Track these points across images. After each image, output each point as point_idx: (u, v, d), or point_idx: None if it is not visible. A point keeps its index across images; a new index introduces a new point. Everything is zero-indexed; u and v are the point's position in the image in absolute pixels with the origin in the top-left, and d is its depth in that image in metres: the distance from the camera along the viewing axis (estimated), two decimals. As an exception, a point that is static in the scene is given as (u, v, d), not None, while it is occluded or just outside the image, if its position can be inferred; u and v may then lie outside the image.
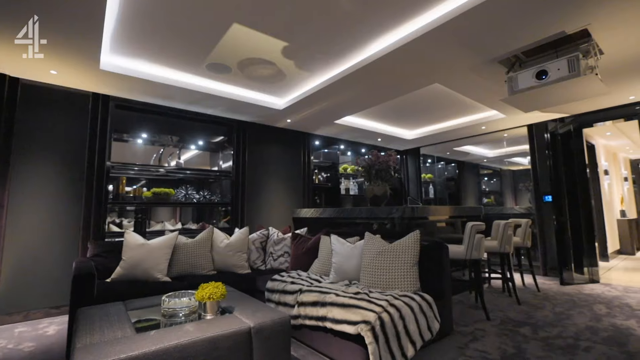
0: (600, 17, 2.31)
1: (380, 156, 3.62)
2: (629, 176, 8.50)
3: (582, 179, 4.69)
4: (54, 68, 2.95)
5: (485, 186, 9.04)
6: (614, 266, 5.50)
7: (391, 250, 2.33)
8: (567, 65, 2.61)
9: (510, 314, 3.00)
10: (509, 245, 3.39)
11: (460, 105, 4.43)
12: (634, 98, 4.04)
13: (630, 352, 2.17)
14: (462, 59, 2.91)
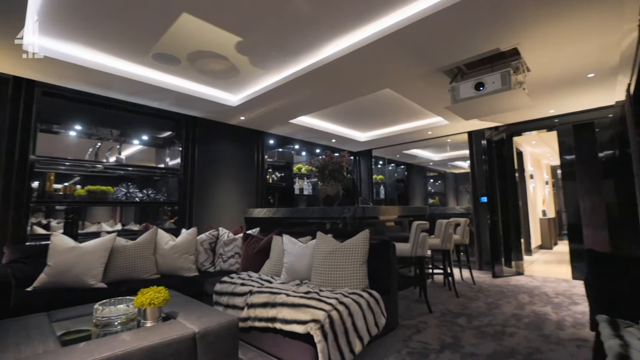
0: (527, 38, 2.59)
1: (334, 157, 3.69)
2: (549, 180, 9.66)
3: (512, 182, 5.23)
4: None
5: (431, 187, 9.65)
6: (536, 259, 6.21)
7: (342, 249, 2.39)
8: (500, 79, 2.89)
9: (449, 306, 3.24)
10: (450, 243, 3.66)
11: (409, 110, 4.67)
12: (554, 112, 4.60)
13: (545, 335, 2.47)
14: (411, 67, 3.07)
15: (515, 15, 2.26)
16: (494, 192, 5.10)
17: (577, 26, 2.42)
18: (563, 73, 3.28)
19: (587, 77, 3.40)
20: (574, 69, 3.19)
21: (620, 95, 3.85)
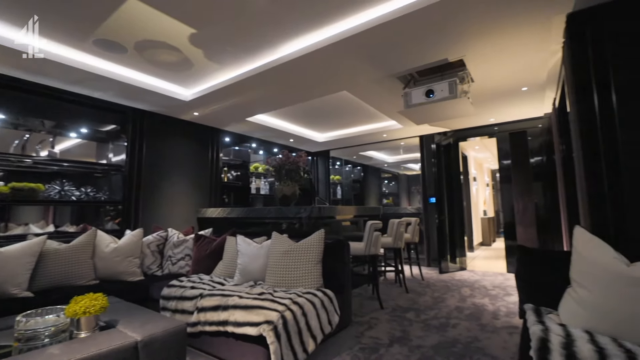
0: (472, 51, 2.80)
1: (291, 156, 3.67)
2: (489, 183, 10.55)
3: (458, 184, 5.63)
4: None
5: (385, 188, 10.04)
6: (477, 255, 6.75)
7: (297, 249, 2.39)
8: (448, 87, 3.09)
9: (400, 301, 3.40)
10: (401, 241, 3.84)
11: (366, 113, 4.82)
12: (494, 120, 5.03)
13: (483, 324, 2.69)
14: (367, 72, 3.16)
15: (461, 29, 2.43)
16: (442, 193, 5.45)
17: (513, 44, 2.67)
18: (501, 85, 3.60)
19: (521, 90, 3.77)
20: (510, 82, 3.51)
21: (548, 108, 4.33)
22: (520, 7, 2.19)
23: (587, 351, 1.15)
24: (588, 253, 1.50)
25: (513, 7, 2.18)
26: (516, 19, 2.32)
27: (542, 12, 2.23)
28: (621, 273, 1.36)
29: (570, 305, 1.49)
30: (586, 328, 1.39)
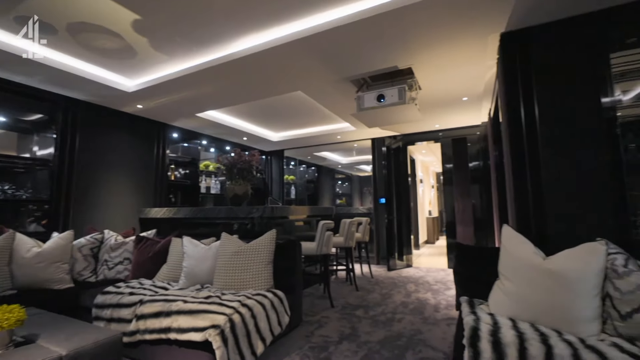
0: (419, 61, 2.97)
1: (244, 155, 3.58)
2: (434, 184, 11.28)
3: (405, 185, 5.93)
4: None
5: (339, 189, 10.24)
6: (422, 253, 7.18)
7: (247, 250, 2.33)
8: (397, 93, 3.24)
9: (350, 299, 3.48)
10: (352, 241, 3.94)
11: (320, 114, 4.87)
12: (439, 126, 5.39)
13: (425, 317, 2.87)
14: (322, 73, 3.20)
15: (410, 40, 2.56)
16: (391, 194, 5.70)
17: (455, 57, 2.89)
18: (445, 94, 3.87)
19: (462, 100, 4.09)
20: (453, 92, 3.79)
21: (485, 117, 4.75)
22: (460, 25, 2.37)
23: (510, 337, 1.29)
24: (513, 248, 1.67)
25: (454, 24, 2.35)
26: (457, 35, 2.51)
27: (479, 30, 2.44)
28: (538, 266, 1.53)
29: (498, 296, 1.65)
30: (511, 315, 1.54)
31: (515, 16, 2.24)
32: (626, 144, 2.20)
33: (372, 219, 5.85)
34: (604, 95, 2.14)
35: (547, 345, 1.21)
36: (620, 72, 2.48)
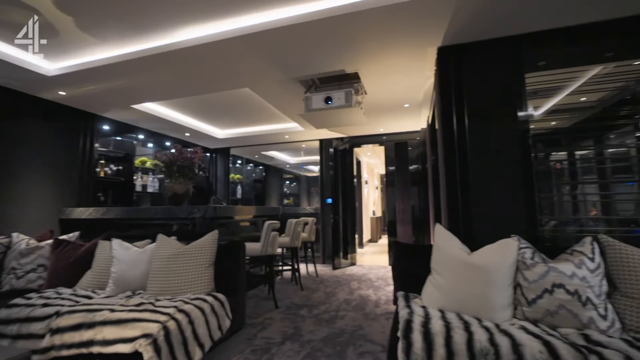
0: (365, 66, 3.08)
1: (185, 152, 3.38)
2: (379, 186, 11.82)
3: (351, 186, 6.12)
4: None
5: (287, 189, 10.20)
6: (366, 251, 7.47)
7: (187, 252, 2.20)
8: (344, 96, 3.33)
9: (294, 299, 3.49)
10: (298, 240, 3.95)
11: (269, 113, 4.80)
12: (383, 130, 5.66)
13: (367, 313, 2.99)
14: (270, 71, 3.16)
15: (356, 45, 2.65)
16: (338, 195, 5.84)
17: (397, 65, 3.05)
18: (389, 100, 4.08)
19: (404, 107, 4.35)
20: (396, 98, 4.01)
21: (424, 123, 5.11)
22: (403, 36, 2.51)
23: (439, 327, 1.40)
24: (443, 245, 1.82)
25: (397, 34, 2.48)
26: (400, 45, 2.66)
27: (419, 42, 2.61)
28: (464, 261, 1.69)
29: (430, 290, 1.78)
30: (440, 307, 1.68)
31: (450, 33, 2.45)
32: (536, 153, 2.53)
33: (319, 219, 5.93)
34: (520, 110, 2.43)
35: (468, 332, 1.34)
36: (533, 90, 2.86)
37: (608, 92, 3.09)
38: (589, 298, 1.45)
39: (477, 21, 2.31)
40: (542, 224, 2.74)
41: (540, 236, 2.37)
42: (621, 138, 3.68)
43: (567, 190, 3.81)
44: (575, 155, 3.71)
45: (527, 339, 1.28)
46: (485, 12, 2.21)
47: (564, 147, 3.55)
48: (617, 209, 3.58)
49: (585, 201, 3.76)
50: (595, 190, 3.57)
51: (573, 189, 3.84)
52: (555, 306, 1.48)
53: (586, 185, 3.84)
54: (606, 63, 2.79)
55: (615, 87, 3.02)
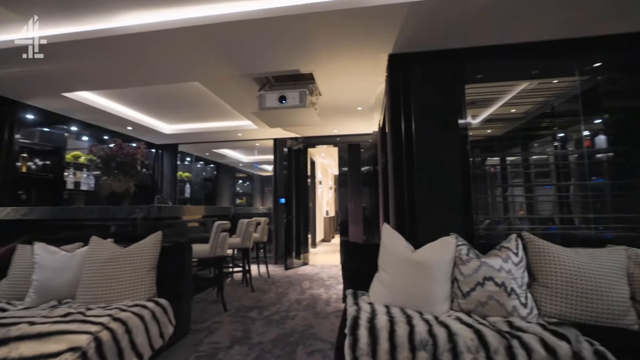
0: (319, 68, 3.11)
1: (126, 147, 3.12)
2: (333, 186, 12.02)
3: (305, 186, 6.15)
4: None
5: (240, 188, 9.94)
6: (319, 251, 7.56)
7: (125, 255, 2.04)
8: (299, 96, 3.33)
9: (244, 301, 3.40)
10: (250, 241, 3.86)
11: (221, 109, 4.63)
12: (337, 131, 5.76)
13: (317, 312, 3.03)
14: (222, 66, 3.04)
15: (312, 45, 2.66)
16: (291, 195, 5.83)
17: (351, 69, 3.13)
18: (342, 102, 4.16)
19: (357, 109, 4.48)
20: (349, 101, 4.11)
21: (375, 127, 5.30)
22: (356, 41, 2.58)
23: (383, 321, 1.46)
24: (390, 244, 1.90)
25: (351, 39, 2.54)
26: (353, 50, 2.73)
27: (371, 48, 2.70)
28: (408, 258, 1.79)
29: (377, 286, 1.86)
30: (386, 303, 1.75)
31: (400, 42, 2.57)
32: (474, 158, 2.76)
33: (272, 219, 5.86)
34: (460, 118, 2.63)
35: (410, 325, 1.42)
36: (471, 100, 3.12)
37: (533, 105, 3.49)
38: (513, 289, 1.62)
39: (423, 34, 2.45)
40: (477, 223, 3.01)
41: (476, 234, 2.60)
42: (543, 147, 4.17)
43: (499, 192, 4.21)
44: (507, 161, 4.13)
45: (461, 328, 1.39)
46: (430, 28, 2.36)
47: (497, 153, 3.94)
48: (538, 209, 4.06)
49: (514, 202, 4.19)
50: (522, 193, 4.00)
51: (504, 191, 4.26)
52: (485, 297, 1.63)
53: (515, 188, 4.28)
54: (532, 80, 3.16)
55: (538, 102, 3.42)
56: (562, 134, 3.60)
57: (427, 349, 1.31)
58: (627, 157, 2.75)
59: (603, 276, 1.60)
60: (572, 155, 3.36)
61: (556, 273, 1.66)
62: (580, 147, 3.25)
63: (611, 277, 1.60)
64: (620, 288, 1.58)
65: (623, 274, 1.63)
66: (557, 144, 3.76)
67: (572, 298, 1.59)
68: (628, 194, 2.63)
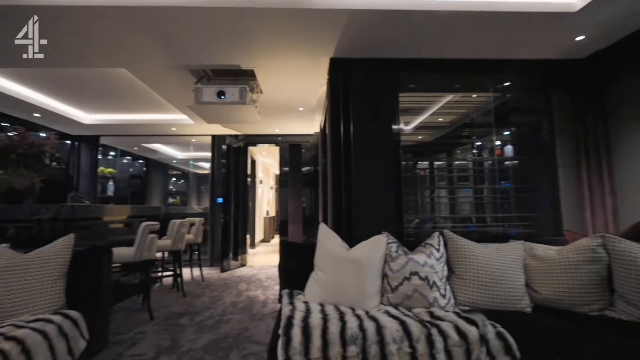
0: (261, 66, 3.05)
1: (30, 137, 2.70)
2: (273, 186, 11.89)
3: (245, 185, 5.98)
4: None
5: (173, 186, 9.28)
6: (258, 252, 7.41)
7: (24, 263, 1.75)
8: (239, 93, 3.23)
9: (174, 308, 3.18)
10: (182, 243, 3.62)
11: (152, 100, 4.26)
12: (279, 131, 5.71)
13: (253, 314, 2.96)
14: (155, 54, 2.80)
15: (254, 41, 2.59)
16: (230, 194, 5.61)
17: (293, 70, 3.13)
18: (284, 102, 4.14)
19: (299, 110, 4.49)
20: (291, 101, 4.11)
21: (317, 128, 5.38)
22: (298, 41, 2.58)
23: (317, 319, 1.48)
24: (325, 243, 1.95)
25: (293, 39, 2.54)
26: (295, 50, 2.74)
27: (314, 50, 2.74)
28: (342, 256, 1.85)
29: (312, 285, 1.88)
30: (321, 301, 1.79)
31: (340, 47, 2.65)
32: (406, 162, 2.97)
33: (208, 219, 5.58)
34: (394, 124, 2.81)
35: (342, 321, 1.47)
36: (405, 108, 3.35)
37: (457, 116, 3.89)
38: (435, 282, 1.78)
39: (363, 42, 2.56)
40: (408, 222, 3.24)
41: (406, 232, 2.79)
42: (464, 153, 4.67)
43: (427, 194, 4.59)
44: (434, 165, 4.54)
45: (388, 321, 1.48)
46: (369, 37, 2.47)
47: (426, 158, 4.30)
48: (459, 209, 4.53)
49: (440, 203, 4.62)
50: (446, 194, 4.42)
51: (432, 193, 4.65)
52: (411, 290, 1.76)
53: (440, 190, 4.71)
54: (455, 93, 3.51)
55: (461, 113, 3.82)
56: (479, 142, 4.07)
57: (357, 343, 1.37)
58: (528, 165, 3.21)
59: (505, 267, 1.84)
60: (487, 162, 3.81)
61: (469, 266, 1.86)
62: (493, 154, 3.71)
63: (511, 268, 1.85)
64: (517, 277, 1.84)
65: (520, 264, 1.89)
66: (475, 152, 4.25)
67: (481, 287, 1.80)
68: (527, 196, 3.08)
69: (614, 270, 1.72)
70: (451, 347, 1.39)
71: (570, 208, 2.84)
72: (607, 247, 1.76)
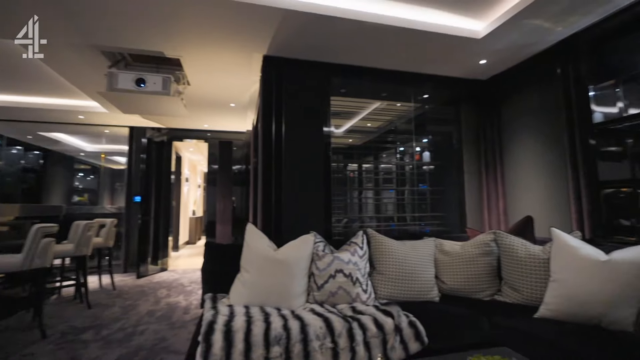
0: (188, 55, 2.85)
1: None
2: (201, 184, 11.22)
3: (168, 183, 5.52)
4: None
5: (80, 183, 8.13)
6: (181, 254, 6.91)
7: None
8: (162, 82, 2.96)
9: (76, 322, 2.77)
10: (87, 247, 3.18)
11: (53, 82, 3.65)
12: (208, 126, 5.41)
13: (173, 322, 2.75)
14: (59, 30, 2.40)
15: (180, 27, 2.38)
16: (150, 192, 5.12)
17: (224, 64, 2.98)
18: (214, 96, 3.94)
19: (230, 106, 4.32)
20: (222, 96, 3.92)
21: (249, 125, 5.24)
22: (228, 34, 2.47)
23: (240, 323, 1.44)
24: (253, 243, 1.90)
25: (223, 31, 2.41)
26: (227, 42, 2.62)
27: (245, 46, 2.65)
28: (270, 256, 1.83)
29: (237, 287, 1.82)
30: (246, 303, 1.74)
31: (274, 45, 2.62)
32: (337, 163, 3.07)
33: (123, 220, 5.01)
34: (325, 126, 2.88)
35: (267, 323, 1.45)
36: (335, 111, 3.46)
37: (383, 122, 4.16)
38: (358, 278, 1.87)
39: (297, 42, 2.58)
40: (338, 221, 3.35)
41: (334, 231, 2.88)
42: (389, 157, 5.02)
43: (356, 194, 4.82)
44: (362, 167, 4.79)
45: (312, 319, 1.51)
46: (302, 38, 2.50)
47: (355, 160, 4.51)
48: (384, 209, 4.85)
49: (367, 203, 4.88)
50: (372, 195, 4.70)
51: (360, 194, 4.89)
52: (336, 287, 1.82)
53: (368, 191, 4.98)
54: (382, 100, 3.76)
55: (387, 120, 4.10)
56: (402, 148, 4.43)
57: (280, 343, 1.36)
58: (440, 169, 3.60)
59: (418, 262, 2.04)
60: (407, 166, 4.16)
61: (388, 262, 2.01)
62: (413, 159, 4.07)
63: (424, 263, 2.05)
64: (429, 270, 2.05)
65: (431, 259, 2.11)
66: (398, 156, 4.60)
67: (398, 281, 1.96)
68: (440, 198, 3.44)
69: (502, 261, 2.02)
70: (370, 339, 1.47)
71: (473, 208, 3.27)
72: (497, 242, 2.06)
